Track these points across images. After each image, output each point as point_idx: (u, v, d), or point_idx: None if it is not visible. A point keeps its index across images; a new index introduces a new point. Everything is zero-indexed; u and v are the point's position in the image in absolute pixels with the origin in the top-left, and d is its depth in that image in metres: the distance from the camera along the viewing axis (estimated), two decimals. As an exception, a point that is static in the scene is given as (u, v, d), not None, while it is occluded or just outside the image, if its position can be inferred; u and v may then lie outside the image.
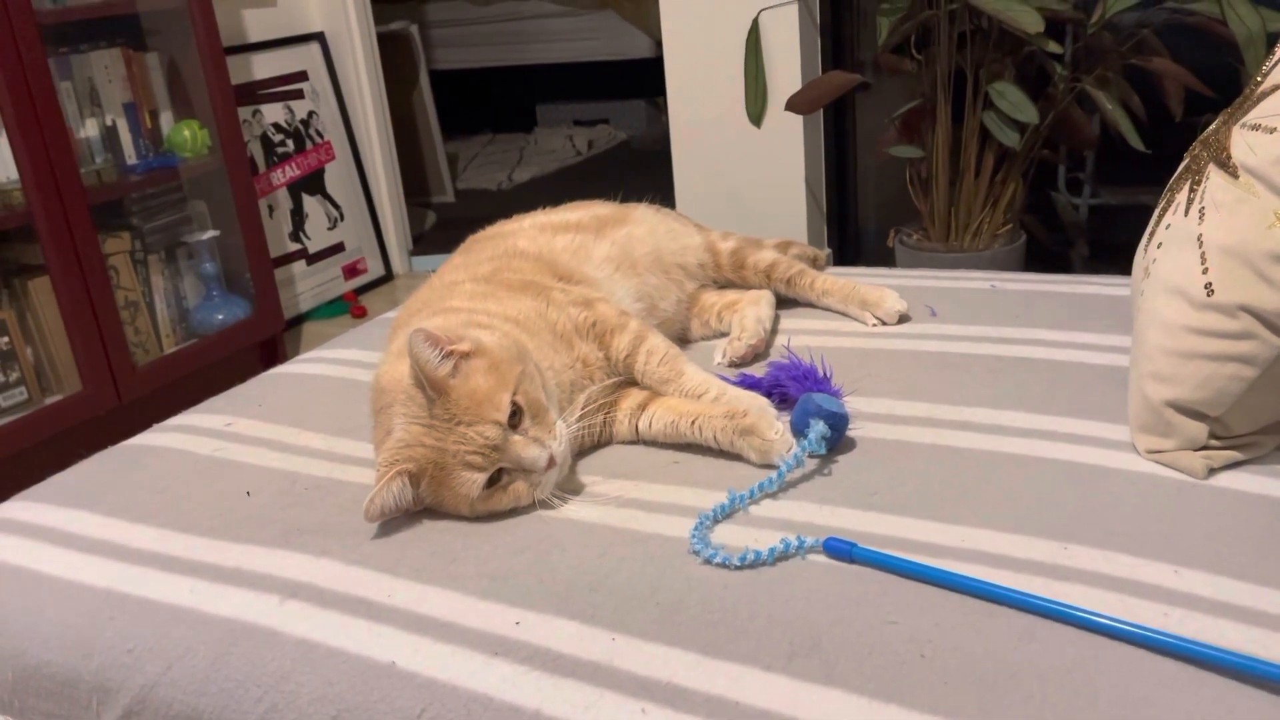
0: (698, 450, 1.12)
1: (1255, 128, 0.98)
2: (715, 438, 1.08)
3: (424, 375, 0.98)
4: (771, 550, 0.90)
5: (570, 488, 1.06)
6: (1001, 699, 0.73)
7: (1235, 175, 0.98)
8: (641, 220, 1.46)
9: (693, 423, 1.10)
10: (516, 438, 1.00)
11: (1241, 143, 0.99)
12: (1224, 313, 0.95)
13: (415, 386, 1.00)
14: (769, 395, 1.16)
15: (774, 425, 1.06)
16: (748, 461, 1.08)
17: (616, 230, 1.41)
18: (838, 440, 1.07)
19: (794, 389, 1.16)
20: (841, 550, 0.89)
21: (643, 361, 1.19)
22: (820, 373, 1.18)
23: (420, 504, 1.02)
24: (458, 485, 0.99)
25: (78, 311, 2.27)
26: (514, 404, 1.01)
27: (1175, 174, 1.11)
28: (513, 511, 1.03)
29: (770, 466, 1.04)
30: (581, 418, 1.10)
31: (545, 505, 1.03)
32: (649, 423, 1.14)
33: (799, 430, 1.06)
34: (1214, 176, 1.00)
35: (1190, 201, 1.03)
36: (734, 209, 2.78)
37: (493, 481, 1.00)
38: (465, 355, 1.01)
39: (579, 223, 1.41)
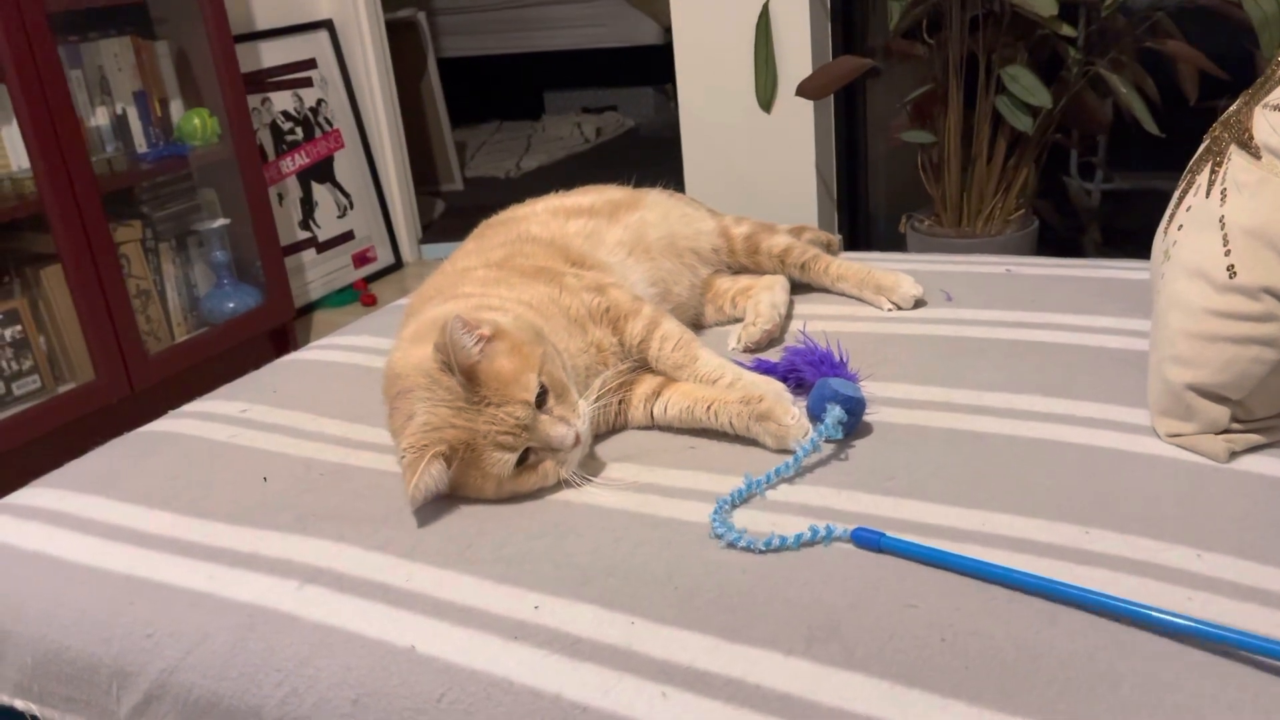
0: (714, 435, 1.11)
1: (1278, 108, 0.97)
2: (731, 423, 1.08)
3: (457, 361, 0.98)
4: (798, 536, 0.90)
5: (589, 470, 1.06)
6: (1023, 684, 0.72)
7: (1258, 156, 0.97)
8: (654, 205, 1.45)
9: (708, 408, 1.09)
10: (544, 417, 1.01)
11: (1264, 123, 0.98)
12: (1247, 295, 0.94)
13: (441, 371, 1.00)
14: (785, 380, 1.15)
15: (790, 410, 1.06)
16: (764, 447, 1.07)
17: (629, 215, 1.40)
18: (855, 425, 1.06)
19: (810, 374, 1.16)
20: (870, 540, 0.89)
21: (657, 347, 1.18)
22: (836, 357, 1.17)
23: (449, 486, 1.02)
24: (488, 466, 1.00)
25: (90, 300, 2.27)
26: (540, 384, 1.01)
27: (1195, 155, 1.10)
28: (538, 492, 1.03)
29: (787, 451, 1.04)
30: (599, 399, 1.10)
31: (568, 484, 1.03)
32: (664, 408, 1.14)
33: (815, 415, 1.05)
34: (1236, 158, 0.99)
35: (1212, 183, 1.02)
36: (744, 195, 2.77)
37: (520, 461, 1.01)
38: (488, 338, 1.01)
39: (591, 207, 1.41)
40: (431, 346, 1.01)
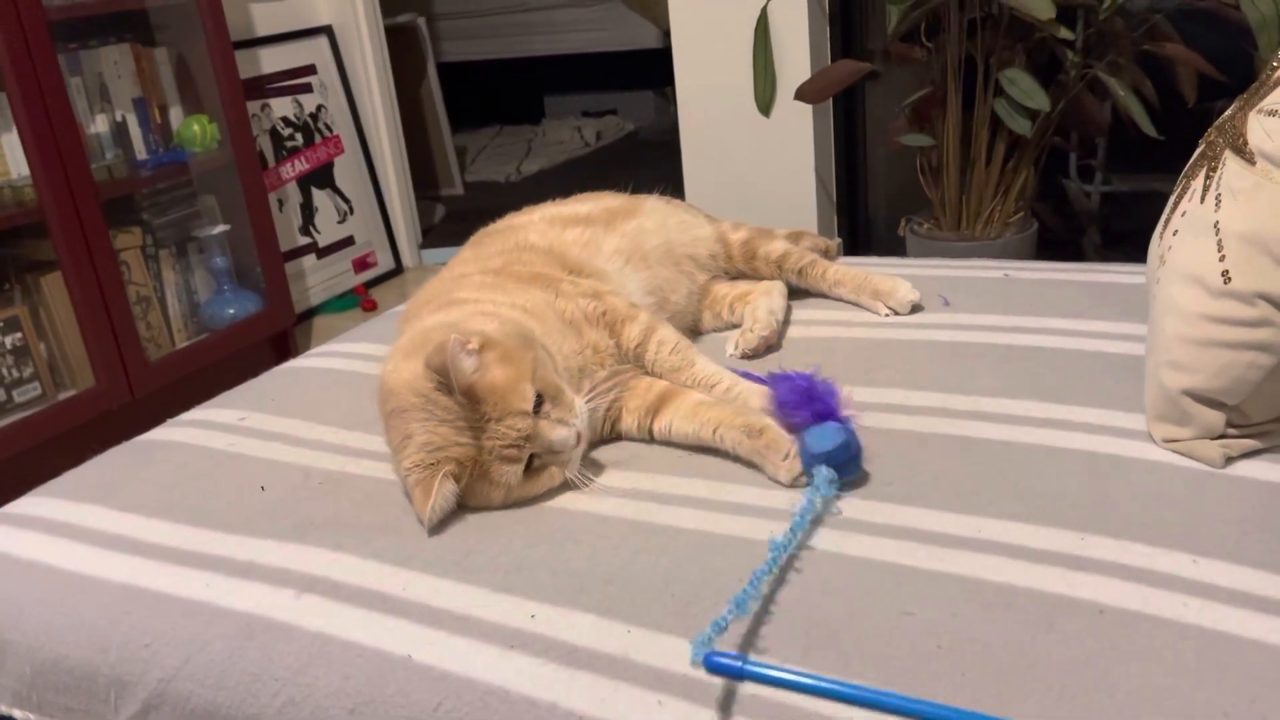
0: (712, 441, 1.11)
1: (1272, 113, 0.97)
2: (734, 449, 1.06)
3: (458, 383, 0.98)
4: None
5: (589, 469, 1.07)
6: (1020, 690, 0.73)
7: (1252, 161, 0.97)
8: (652, 212, 1.45)
9: (714, 431, 1.08)
10: (543, 422, 1.01)
11: (1258, 128, 0.98)
12: (1242, 300, 0.94)
13: (437, 391, 1.00)
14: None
15: (784, 450, 1.02)
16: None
17: (627, 223, 1.41)
18: (854, 468, 1.00)
19: (794, 413, 1.05)
20: (727, 669, 0.74)
21: (654, 351, 1.19)
22: (814, 384, 1.05)
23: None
24: (497, 477, 1.00)
25: (90, 307, 2.28)
26: (534, 391, 1.01)
27: (1191, 160, 1.10)
28: (544, 496, 1.04)
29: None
30: (592, 397, 1.10)
31: (573, 484, 1.04)
32: (668, 429, 1.11)
33: (808, 469, 1.00)
34: (1230, 163, 0.99)
35: (1206, 188, 1.02)
36: (743, 199, 2.78)
37: (525, 467, 1.01)
38: (478, 351, 1.01)
39: (589, 215, 1.41)
40: (422, 364, 1.01)
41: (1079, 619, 0.79)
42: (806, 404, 1.05)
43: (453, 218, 4.07)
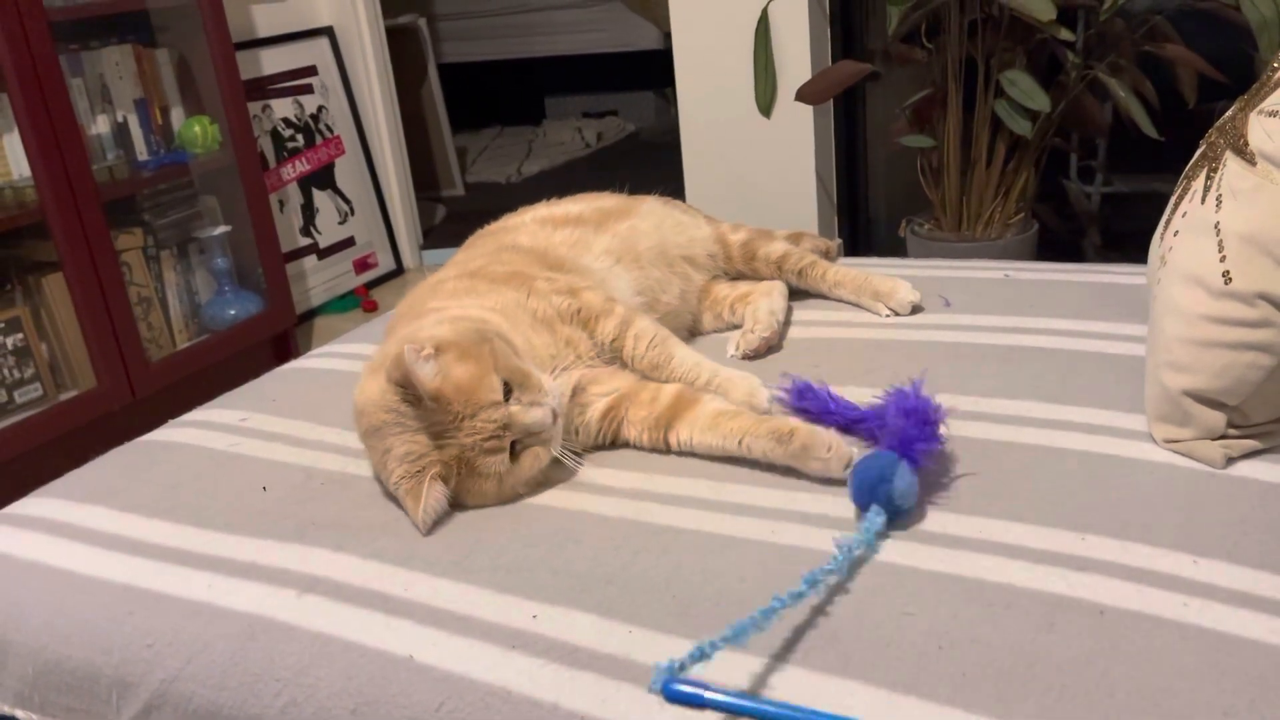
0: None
1: (1273, 114, 0.97)
2: (766, 457, 1.04)
3: (425, 390, 0.99)
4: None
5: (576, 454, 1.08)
6: (1020, 690, 0.73)
7: (1253, 162, 0.97)
8: (648, 214, 1.45)
9: (739, 442, 1.05)
10: (515, 408, 1.02)
11: (1259, 129, 0.98)
12: (1242, 301, 0.94)
13: (405, 402, 1.00)
14: (877, 428, 1.02)
15: (824, 443, 1.00)
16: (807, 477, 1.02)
17: (619, 223, 1.40)
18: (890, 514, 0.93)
19: (894, 426, 0.99)
20: (689, 699, 0.74)
21: (631, 345, 1.19)
22: (930, 412, 0.99)
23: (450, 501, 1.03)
24: (485, 470, 1.01)
25: (91, 308, 2.28)
26: (501, 380, 1.02)
27: (1191, 161, 1.11)
28: (541, 485, 1.05)
29: (830, 480, 1.00)
30: (560, 375, 1.11)
31: (563, 461, 1.05)
32: (689, 442, 1.09)
33: (862, 493, 0.93)
34: (1231, 164, 0.99)
35: (1207, 189, 1.02)
36: (744, 200, 2.78)
37: (510, 454, 1.02)
38: (434, 355, 1.01)
39: (580, 216, 1.40)
40: (384, 380, 1.01)
41: (1079, 619, 0.79)
42: (909, 420, 0.97)
43: (453, 219, 4.08)
